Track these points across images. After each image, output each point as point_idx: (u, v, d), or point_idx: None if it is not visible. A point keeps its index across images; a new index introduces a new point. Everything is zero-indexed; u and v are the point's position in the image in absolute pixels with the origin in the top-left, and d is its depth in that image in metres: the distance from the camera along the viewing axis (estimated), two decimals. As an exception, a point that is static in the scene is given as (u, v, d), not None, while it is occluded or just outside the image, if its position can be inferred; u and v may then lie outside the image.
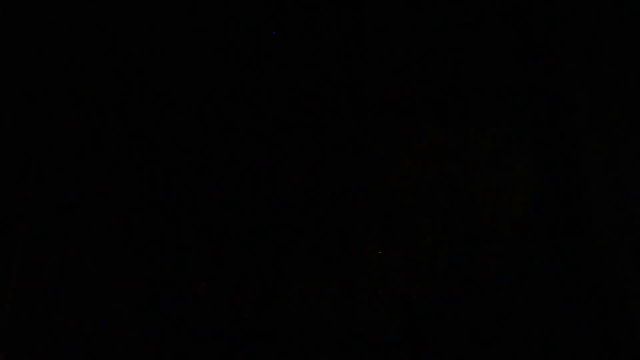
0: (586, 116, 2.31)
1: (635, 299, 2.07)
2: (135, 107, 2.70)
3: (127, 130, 2.66)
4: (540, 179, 2.41)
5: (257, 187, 2.58)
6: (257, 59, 2.74)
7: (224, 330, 2.38)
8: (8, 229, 2.49)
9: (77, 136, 2.66)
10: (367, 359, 2.30)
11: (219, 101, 2.70)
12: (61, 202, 2.57)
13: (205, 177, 2.61)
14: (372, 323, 2.34)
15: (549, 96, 2.46)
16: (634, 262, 2.10)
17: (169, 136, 2.66)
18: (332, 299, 2.40)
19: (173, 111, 2.70)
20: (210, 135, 2.65)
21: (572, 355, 2.14)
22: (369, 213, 2.50)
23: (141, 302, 2.43)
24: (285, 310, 2.39)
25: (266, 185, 2.58)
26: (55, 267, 2.48)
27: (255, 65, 2.74)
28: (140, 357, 2.35)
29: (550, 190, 2.37)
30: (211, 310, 2.41)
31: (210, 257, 2.50)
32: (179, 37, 2.76)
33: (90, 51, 2.75)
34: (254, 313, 2.40)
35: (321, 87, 2.69)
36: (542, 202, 2.37)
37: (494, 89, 2.57)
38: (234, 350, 2.35)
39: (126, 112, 2.69)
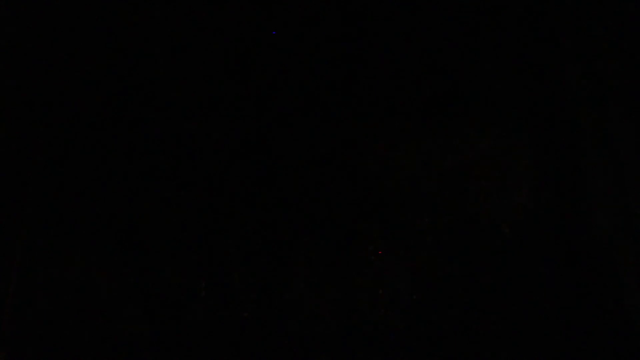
0: (586, 116, 2.31)
1: (635, 299, 2.07)
2: (136, 108, 2.70)
3: (126, 131, 2.66)
4: (540, 179, 2.41)
5: (257, 186, 2.58)
6: (256, 59, 2.74)
7: (224, 330, 2.38)
8: (8, 229, 2.49)
9: (77, 137, 2.66)
10: (367, 359, 2.30)
11: (219, 101, 2.70)
12: (61, 202, 2.57)
13: (205, 177, 2.61)
14: (372, 323, 2.34)
15: (549, 96, 2.46)
16: (634, 262, 2.11)
17: (167, 136, 2.66)
18: (332, 299, 2.40)
19: (173, 112, 2.70)
20: (210, 135, 2.65)
21: (572, 355, 2.14)
22: (369, 213, 2.50)
23: (141, 301, 2.43)
24: (285, 310, 2.39)
25: (266, 185, 2.58)
26: (55, 267, 2.48)
27: (255, 64, 2.74)
28: (140, 357, 2.35)
29: (550, 190, 2.37)
30: (210, 309, 2.41)
31: (210, 257, 2.50)
32: (177, 37, 2.76)
33: (90, 53, 2.75)
34: (254, 313, 2.40)
35: (321, 87, 2.69)
36: (542, 202, 2.37)
37: (494, 89, 2.57)
38: (234, 350, 2.35)
39: (126, 113, 2.69)
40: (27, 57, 2.72)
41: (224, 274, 2.47)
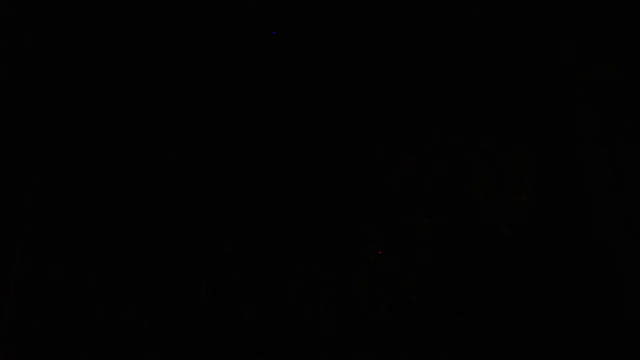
0: (586, 116, 2.31)
1: (635, 299, 2.07)
2: (135, 109, 2.70)
3: (126, 131, 2.67)
4: (540, 179, 2.41)
5: (257, 186, 2.58)
6: (257, 59, 2.74)
7: (224, 330, 2.38)
8: (8, 229, 2.49)
9: (77, 138, 2.66)
10: (367, 359, 2.30)
11: (218, 101, 2.70)
12: (61, 202, 2.57)
13: (205, 177, 2.61)
14: (372, 323, 2.34)
15: (548, 96, 2.46)
16: (634, 262, 2.11)
17: (167, 137, 2.66)
18: (332, 299, 2.40)
19: (172, 112, 2.70)
20: (210, 135, 2.65)
21: (572, 355, 2.14)
22: (369, 213, 2.50)
23: (141, 302, 2.43)
24: (286, 310, 2.39)
25: (266, 185, 2.58)
26: (55, 267, 2.48)
27: (256, 65, 2.74)
28: (140, 357, 2.35)
29: (550, 190, 2.37)
30: (211, 310, 2.41)
31: (210, 257, 2.50)
32: (177, 37, 2.76)
33: (89, 53, 2.75)
34: (254, 313, 2.40)
35: (322, 87, 2.69)
36: (542, 202, 2.37)
37: (494, 89, 2.57)
38: (234, 350, 2.35)
39: (126, 113, 2.69)
40: (30, 57, 2.72)
41: (224, 274, 2.47)
